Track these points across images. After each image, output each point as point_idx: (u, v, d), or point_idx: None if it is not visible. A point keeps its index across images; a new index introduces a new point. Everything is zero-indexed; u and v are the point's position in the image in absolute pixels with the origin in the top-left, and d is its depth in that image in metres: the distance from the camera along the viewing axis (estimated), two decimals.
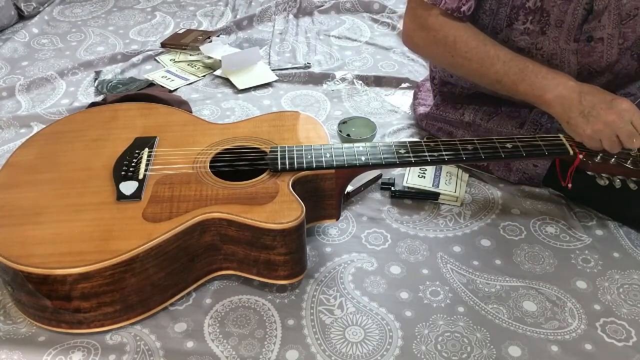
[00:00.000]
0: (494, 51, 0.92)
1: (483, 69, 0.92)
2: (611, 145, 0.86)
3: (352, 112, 1.31)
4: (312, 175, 0.88)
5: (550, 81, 0.89)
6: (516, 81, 0.91)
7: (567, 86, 0.88)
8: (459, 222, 1.01)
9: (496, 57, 0.91)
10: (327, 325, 0.83)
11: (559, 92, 0.88)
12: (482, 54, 0.92)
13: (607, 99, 0.86)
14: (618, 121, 0.84)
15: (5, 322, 0.84)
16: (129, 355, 0.79)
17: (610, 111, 0.84)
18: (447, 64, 1.00)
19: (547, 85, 0.89)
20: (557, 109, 0.89)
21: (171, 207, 0.82)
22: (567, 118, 0.88)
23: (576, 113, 0.87)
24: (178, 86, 1.42)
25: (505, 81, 0.92)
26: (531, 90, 0.90)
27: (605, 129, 0.85)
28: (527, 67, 0.90)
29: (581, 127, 0.86)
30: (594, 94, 0.87)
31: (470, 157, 0.90)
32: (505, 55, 0.91)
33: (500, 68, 0.91)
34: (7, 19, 1.71)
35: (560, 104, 0.88)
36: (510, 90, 0.93)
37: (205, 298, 0.87)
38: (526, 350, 0.80)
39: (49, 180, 0.88)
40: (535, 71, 0.90)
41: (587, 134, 0.86)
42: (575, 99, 0.87)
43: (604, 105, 0.85)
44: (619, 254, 0.95)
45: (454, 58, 0.95)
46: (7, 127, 1.27)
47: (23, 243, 0.77)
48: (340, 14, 1.80)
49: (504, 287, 0.89)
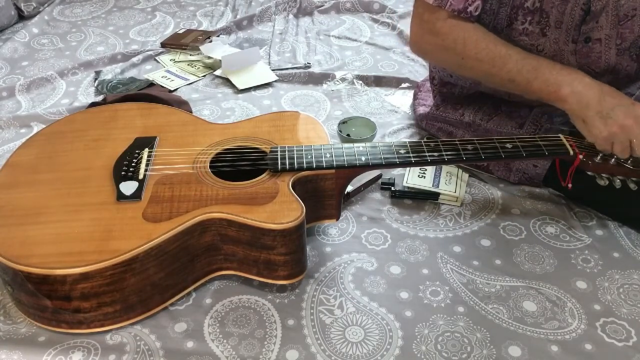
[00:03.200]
0: (505, 50, 0.91)
1: (495, 69, 0.91)
2: (622, 150, 0.85)
3: (352, 112, 1.32)
4: (312, 175, 0.88)
5: (565, 77, 0.88)
6: (530, 79, 0.89)
7: (583, 82, 0.87)
8: (459, 222, 1.01)
9: (508, 56, 0.90)
10: (327, 325, 0.83)
11: (575, 88, 0.87)
12: (493, 54, 0.91)
13: (627, 102, 0.85)
14: (635, 126, 0.83)
15: (5, 322, 0.84)
16: (129, 355, 0.79)
17: (630, 115, 0.84)
18: (457, 67, 0.98)
19: (562, 81, 0.87)
20: (573, 106, 0.87)
21: (171, 207, 0.82)
22: (584, 116, 0.87)
23: (594, 112, 0.86)
24: (178, 86, 1.42)
25: (518, 80, 0.90)
26: (546, 86, 0.89)
27: (620, 132, 0.84)
28: (541, 65, 0.89)
29: (598, 127, 0.86)
30: (614, 96, 0.86)
31: (470, 157, 0.90)
32: (518, 54, 0.90)
33: (513, 67, 0.90)
34: (7, 19, 1.71)
35: (577, 100, 0.87)
36: (524, 89, 0.91)
37: (205, 298, 0.87)
38: (526, 350, 0.80)
39: (49, 180, 0.88)
40: (550, 67, 0.89)
41: (602, 135, 0.85)
42: (594, 98, 0.86)
43: (623, 109, 0.84)
44: (619, 254, 0.95)
45: (464, 60, 0.94)
46: (7, 127, 1.27)
47: (23, 243, 0.77)
48: (340, 14, 1.80)
49: (504, 287, 0.89)
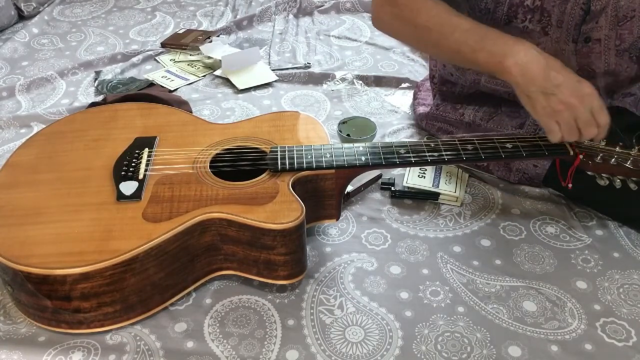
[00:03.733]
0: (456, 19, 0.87)
1: (443, 38, 0.88)
2: (569, 131, 0.82)
3: (352, 112, 1.32)
4: (312, 175, 0.88)
5: (511, 47, 0.83)
6: (476, 49, 0.85)
7: (529, 53, 0.82)
8: (459, 222, 1.01)
9: (457, 24, 0.87)
10: (327, 325, 0.83)
11: (520, 59, 0.82)
12: (442, 21, 0.87)
13: (574, 79, 0.82)
14: (579, 105, 0.80)
15: (5, 322, 0.84)
16: (129, 355, 0.79)
17: (574, 93, 0.81)
18: (411, 37, 0.96)
19: (507, 51, 0.83)
20: (518, 79, 0.82)
21: (171, 207, 0.82)
22: (527, 91, 0.83)
23: (538, 88, 0.82)
24: (178, 86, 1.42)
25: (464, 50, 0.86)
26: (491, 57, 0.84)
27: (564, 110, 0.81)
28: (488, 34, 0.85)
29: (541, 103, 0.82)
30: (561, 71, 0.82)
31: (470, 157, 0.90)
32: (467, 24, 0.87)
33: (460, 36, 0.86)
34: (7, 19, 1.71)
35: (522, 73, 0.82)
36: (470, 60, 0.87)
37: (205, 298, 0.87)
38: (526, 350, 0.80)
39: (49, 180, 0.88)
40: (496, 37, 0.85)
41: (546, 112, 0.82)
42: (539, 73, 0.81)
43: (569, 86, 0.81)
44: (619, 254, 0.95)
45: (416, 30, 0.90)
46: (7, 127, 1.27)
47: (23, 243, 0.77)
48: (340, 14, 1.80)
49: (504, 287, 0.89)
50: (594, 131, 0.83)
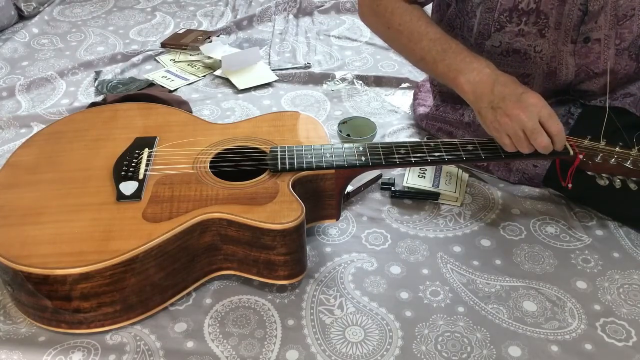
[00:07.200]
0: (425, 28, 0.90)
1: (411, 43, 0.91)
2: (518, 142, 0.83)
3: (352, 112, 1.32)
4: (312, 175, 0.88)
5: (467, 65, 0.85)
6: (437, 60, 0.88)
7: (482, 73, 0.84)
8: (459, 222, 1.01)
9: (425, 33, 0.89)
10: (327, 325, 0.83)
11: (473, 78, 0.84)
12: (412, 28, 0.90)
13: (517, 91, 0.83)
14: (523, 116, 0.81)
15: (5, 322, 0.84)
16: (129, 355, 0.79)
17: (518, 104, 0.81)
18: (384, 36, 0.99)
19: (463, 69, 0.85)
20: (469, 96, 0.86)
21: (171, 207, 0.82)
22: (478, 108, 0.85)
23: (486, 103, 0.84)
24: (178, 86, 1.42)
25: (427, 59, 0.89)
26: (448, 71, 0.87)
27: (510, 123, 0.82)
28: (450, 48, 0.87)
29: (489, 118, 0.84)
30: (507, 85, 0.83)
31: (470, 157, 0.90)
32: (435, 34, 0.89)
33: (426, 45, 0.89)
34: (7, 19, 1.71)
35: (473, 91, 0.85)
36: (431, 69, 0.90)
37: (205, 298, 0.87)
38: (526, 350, 0.80)
39: (49, 180, 0.88)
40: (457, 53, 0.87)
41: (494, 126, 0.84)
42: (487, 90, 0.83)
43: (513, 98, 0.82)
44: (619, 254, 0.95)
45: (389, 31, 0.94)
46: (7, 127, 1.27)
47: (23, 243, 0.77)
48: (340, 14, 1.80)
49: (504, 287, 0.89)
50: (544, 140, 0.82)
